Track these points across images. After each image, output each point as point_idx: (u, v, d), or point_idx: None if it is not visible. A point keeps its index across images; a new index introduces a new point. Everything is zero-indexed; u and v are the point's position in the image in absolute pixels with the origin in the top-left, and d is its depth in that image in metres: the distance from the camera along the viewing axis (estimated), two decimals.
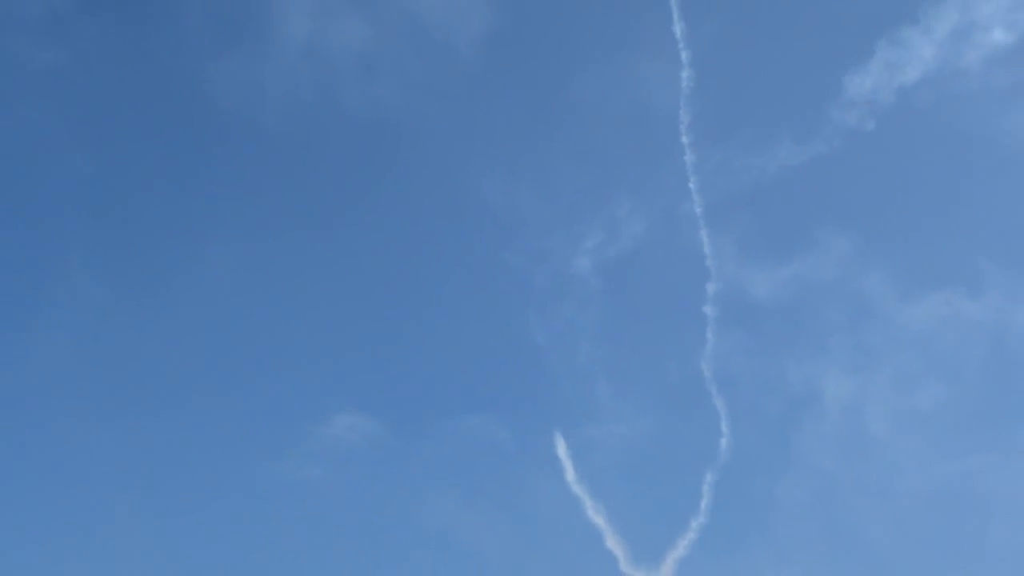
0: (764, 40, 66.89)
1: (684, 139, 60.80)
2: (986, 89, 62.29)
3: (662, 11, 58.29)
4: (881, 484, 60.65)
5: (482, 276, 65.99)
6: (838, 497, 60.30)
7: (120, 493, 57.37)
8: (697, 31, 58.67)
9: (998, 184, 66.09)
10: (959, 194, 67.08)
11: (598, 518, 58.37)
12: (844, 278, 64.93)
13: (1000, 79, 61.69)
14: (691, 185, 61.10)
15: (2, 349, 63.19)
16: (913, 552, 58.44)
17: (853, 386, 62.65)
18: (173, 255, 64.90)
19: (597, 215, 64.08)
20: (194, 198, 65.20)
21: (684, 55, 59.76)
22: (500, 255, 65.95)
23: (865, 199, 66.99)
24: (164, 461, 59.85)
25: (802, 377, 62.88)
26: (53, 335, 62.28)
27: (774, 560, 58.14)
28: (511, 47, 66.52)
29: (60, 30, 65.76)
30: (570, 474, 58.97)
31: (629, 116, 65.84)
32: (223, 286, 64.24)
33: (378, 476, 61.05)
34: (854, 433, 61.73)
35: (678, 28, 59.06)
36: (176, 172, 65.12)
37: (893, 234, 66.69)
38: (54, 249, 65.66)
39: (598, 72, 65.93)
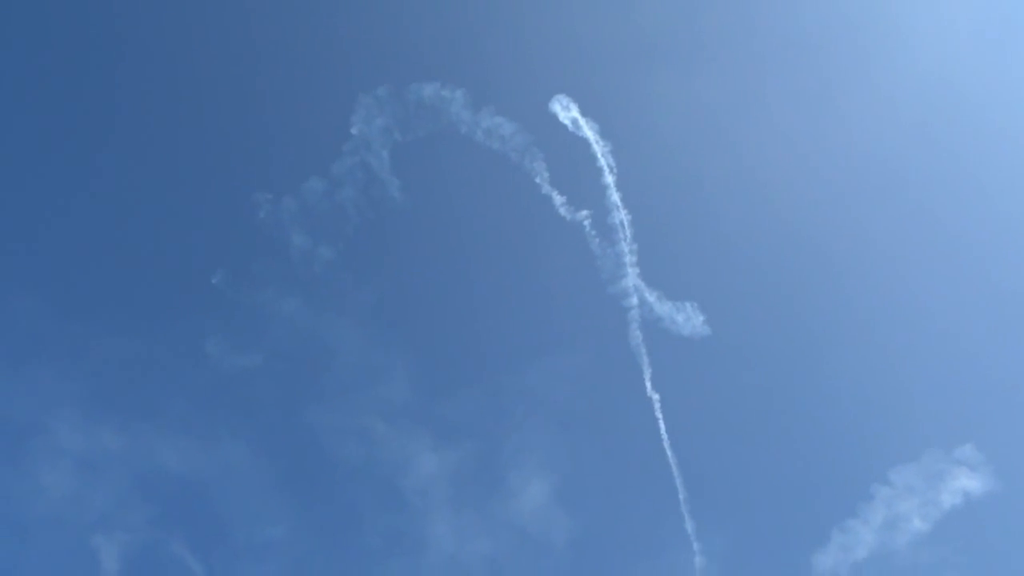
0: (752, 533, 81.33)
1: None
2: (914, 563, 77.25)
3: (677, 515, 75.44)
4: None
5: None
6: None
7: None
8: (704, 528, 76.07)
9: None
10: None
11: None
12: None
13: (924, 556, 77.44)
14: None
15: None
16: None
17: None
18: None
19: None
20: None
21: (696, 546, 75.61)
22: None
23: None
24: None
25: None
26: None
27: None
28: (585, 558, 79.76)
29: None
30: None
31: None
32: None
33: None
34: None
35: (689, 526, 75.77)
36: None
37: None
38: None
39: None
